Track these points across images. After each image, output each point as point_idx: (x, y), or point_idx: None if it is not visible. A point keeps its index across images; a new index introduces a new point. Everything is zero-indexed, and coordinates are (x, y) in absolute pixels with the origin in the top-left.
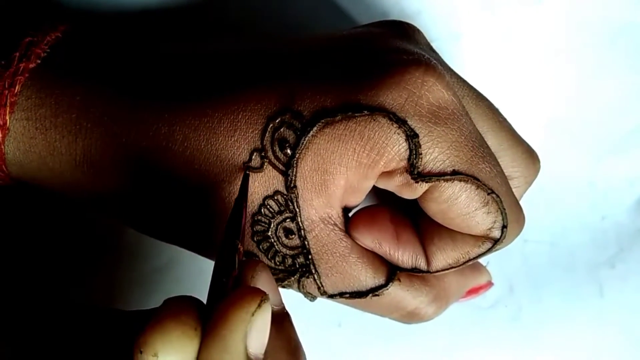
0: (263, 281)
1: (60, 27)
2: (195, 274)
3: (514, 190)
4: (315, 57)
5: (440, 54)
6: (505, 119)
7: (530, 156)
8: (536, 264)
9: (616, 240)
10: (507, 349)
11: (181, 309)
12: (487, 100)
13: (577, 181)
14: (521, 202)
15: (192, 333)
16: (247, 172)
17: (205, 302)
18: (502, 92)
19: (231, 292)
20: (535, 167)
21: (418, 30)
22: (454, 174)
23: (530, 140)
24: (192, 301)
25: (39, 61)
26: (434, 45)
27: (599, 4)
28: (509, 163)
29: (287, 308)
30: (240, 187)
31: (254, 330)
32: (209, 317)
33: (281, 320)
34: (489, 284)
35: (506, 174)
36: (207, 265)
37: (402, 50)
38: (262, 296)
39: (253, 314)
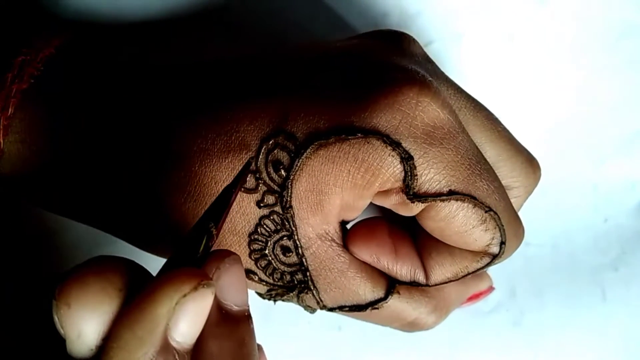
0: (228, 276)
1: (53, 42)
2: None
3: (513, 200)
4: (308, 73)
5: (441, 55)
6: (504, 128)
7: (530, 165)
8: (538, 268)
9: (619, 243)
10: (508, 354)
11: (109, 266)
12: (485, 110)
13: (579, 184)
14: (523, 205)
15: (114, 293)
16: (251, 160)
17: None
18: (503, 94)
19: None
20: (535, 175)
21: (413, 40)
22: (451, 194)
23: (532, 142)
24: (127, 264)
25: (32, 81)
26: (434, 46)
27: (601, 6)
28: (508, 173)
29: (288, 310)
30: (237, 175)
31: (183, 315)
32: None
33: (237, 322)
34: (490, 289)
35: (505, 183)
36: None
37: (396, 67)
38: (202, 280)
39: (185, 295)
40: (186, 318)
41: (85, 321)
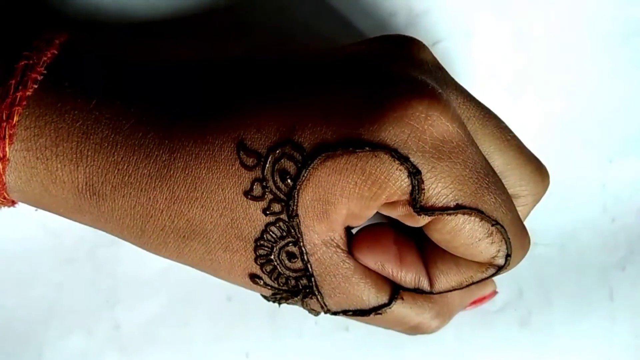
0: None
1: (56, 41)
2: (199, 278)
3: (520, 208)
4: (316, 80)
5: (449, 54)
6: (514, 136)
7: (539, 174)
8: (545, 267)
9: (627, 242)
10: (516, 354)
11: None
12: (495, 118)
13: (587, 183)
14: (530, 213)
15: None
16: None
17: None
18: (512, 93)
19: None
20: (543, 184)
21: (423, 46)
22: (458, 208)
23: (540, 141)
24: None
25: (35, 86)
26: (442, 45)
27: (612, 4)
28: (517, 182)
29: (295, 311)
30: None
31: None
32: None
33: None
34: (494, 293)
35: (513, 192)
36: None
37: (405, 78)
38: None
39: None
40: None
41: None
